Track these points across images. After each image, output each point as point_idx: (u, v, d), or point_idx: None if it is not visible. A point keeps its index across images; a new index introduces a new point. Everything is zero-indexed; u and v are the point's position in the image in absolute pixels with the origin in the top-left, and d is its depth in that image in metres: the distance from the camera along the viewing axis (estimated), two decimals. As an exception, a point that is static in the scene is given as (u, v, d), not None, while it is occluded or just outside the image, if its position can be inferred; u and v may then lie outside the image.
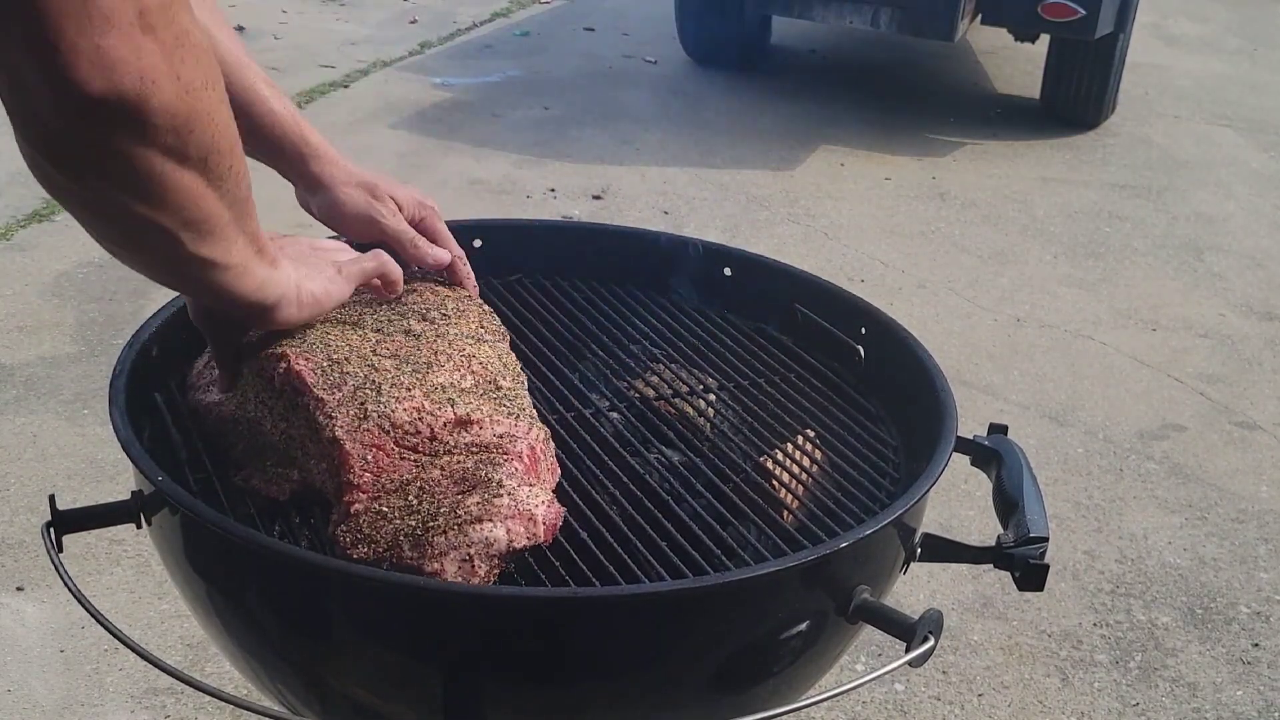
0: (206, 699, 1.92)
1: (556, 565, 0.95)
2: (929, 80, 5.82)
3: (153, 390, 1.14)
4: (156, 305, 1.19)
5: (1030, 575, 1.02)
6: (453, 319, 1.12)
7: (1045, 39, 5.09)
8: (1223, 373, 3.31)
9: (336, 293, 1.00)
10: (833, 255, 3.85)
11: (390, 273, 1.07)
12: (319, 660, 0.95)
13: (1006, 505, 1.09)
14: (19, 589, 2.17)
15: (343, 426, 0.94)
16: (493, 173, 4.29)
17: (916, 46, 5.93)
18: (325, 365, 0.99)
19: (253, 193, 0.81)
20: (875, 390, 1.28)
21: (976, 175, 4.63)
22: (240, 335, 1.04)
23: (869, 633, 1.01)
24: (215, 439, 1.08)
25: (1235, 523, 2.65)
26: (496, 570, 0.90)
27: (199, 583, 0.98)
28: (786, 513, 1.08)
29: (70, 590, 0.97)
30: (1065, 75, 5.09)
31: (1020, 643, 2.25)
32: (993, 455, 1.15)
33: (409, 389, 0.98)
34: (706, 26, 5.46)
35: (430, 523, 0.90)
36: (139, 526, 1.02)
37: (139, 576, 2.21)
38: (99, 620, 0.95)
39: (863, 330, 1.30)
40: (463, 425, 0.97)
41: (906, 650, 0.92)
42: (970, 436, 1.17)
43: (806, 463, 1.15)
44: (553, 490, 0.98)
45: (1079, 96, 5.11)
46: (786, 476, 1.13)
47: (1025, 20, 4.73)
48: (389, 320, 1.10)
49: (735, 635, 0.92)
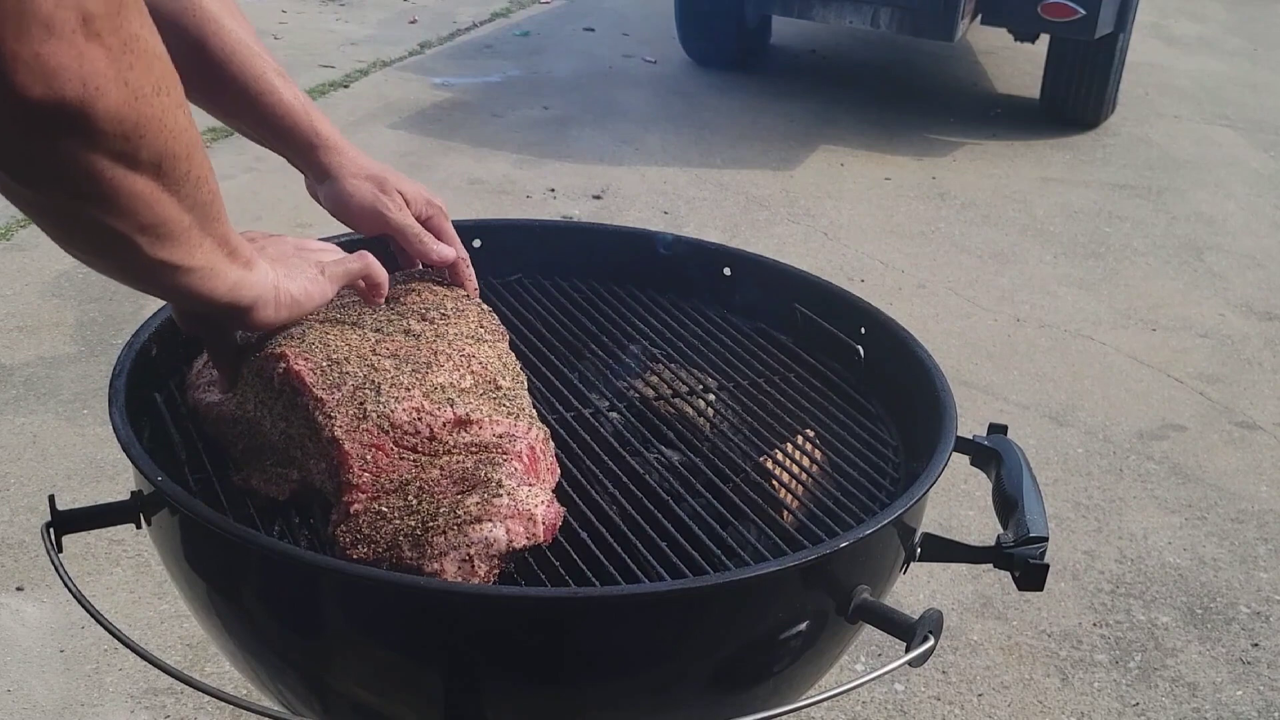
0: (206, 699, 1.92)
1: (556, 565, 0.95)
2: (929, 80, 5.82)
3: (153, 390, 1.14)
4: (156, 305, 1.19)
5: (1030, 575, 1.02)
6: (452, 319, 1.12)
7: (1045, 39, 5.09)
8: (1223, 373, 3.31)
9: (318, 293, 0.99)
10: (833, 255, 3.85)
11: (375, 275, 1.06)
12: (319, 660, 0.95)
13: (1006, 505, 1.09)
14: (19, 589, 2.17)
15: (342, 426, 0.94)
16: (493, 173, 4.29)
17: (916, 46, 5.93)
18: (324, 365, 0.99)
19: (220, 195, 0.80)
20: (875, 390, 1.28)
21: (976, 175, 4.63)
22: (231, 335, 1.04)
23: (869, 633, 1.01)
24: (215, 439, 1.08)
25: (1235, 523, 2.65)
26: (496, 570, 0.90)
27: (199, 583, 0.98)
28: (786, 513, 1.08)
29: (70, 590, 0.97)
30: (1065, 75, 5.09)
31: (1020, 643, 2.25)
32: (992, 455, 1.15)
33: (408, 389, 0.98)
34: (706, 26, 5.47)
35: (430, 523, 0.90)
36: (139, 526, 1.02)
37: (139, 576, 2.21)
38: (99, 620, 0.95)
39: (862, 330, 1.30)
40: (462, 425, 0.97)
41: (906, 650, 0.92)
42: (970, 436, 1.17)
43: (806, 463, 1.15)
44: (552, 490, 0.98)
45: (1079, 96, 5.11)
46: (786, 476, 1.13)
47: (1025, 20, 4.73)
48: (388, 320, 1.10)
49: (735, 635, 0.92)
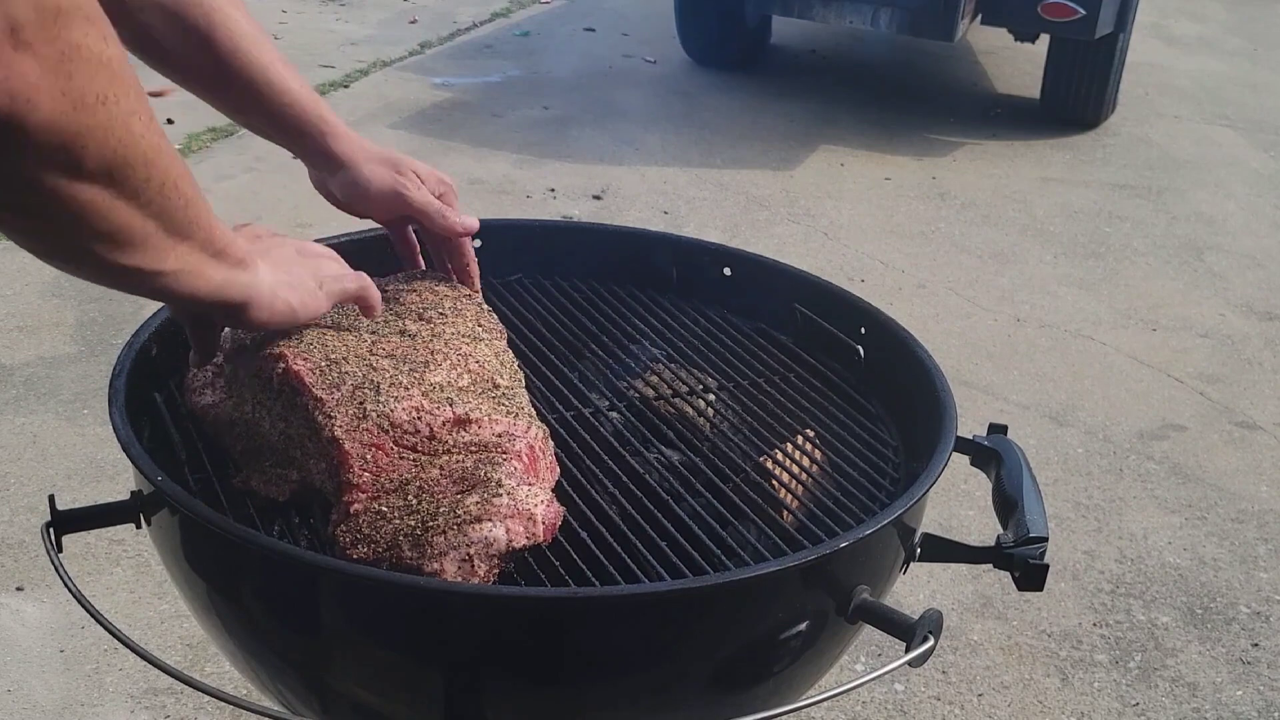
0: (206, 699, 1.92)
1: (556, 565, 0.95)
2: (929, 80, 5.82)
3: (153, 390, 1.14)
4: (156, 305, 1.19)
5: (1030, 575, 1.02)
6: (449, 318, 1.12)
7: (1045, 39, 5.09)
8: (1223, 373, 3.31)
9: (313, 307, 0.98)
10: (833, 255, 3.85)
11: (370, 297, 1.05)
12: (319, 660, 0.95)
13: (1006, 505, 1.09)
14: (19, 589, 2.17)
15: (342, 426, 0.94)
16: (492, 173, 4.29)
17: (916, 46, 5.93)
18: (323, 365, 0.99)
19: (198, 199, 0.79)
20: (875, 390, 1.28)
21: (976, 175, 4.63)
22: (216, 326, 1.03)
23: (869, 633, 1.01)
24: (214, 440, 1.08)
25: (1235, 523, 2.65)
26: (496, 570, 0.90)
27: (198, 583, 0.98)
28: (786, 513, 1.08)
29: (70, 590, 0.97)
30: (1065, 75, 5.09)
31: (1020, 643, 2.24)
32: (992, 455, 1.15)
33: (407, 388, 0.98)
34: (706, 26, 5.47)
35: (430, 522, 0.90)
36: (139, 526, 1.02)
37: (139, 576, 2.21)
38: (99, 620, 0.95)
39: (863, 330, 1.30)
40: (461, 424, 0.97)
41: (906, 650, 0.92)
42: (970, 436, 1.17)
43: (806, 463, 1.15)
44: (552, 489, 0.98)
45: (1079, 96, 5.11)
46: (786, 476, 1.13)
47: (1025, 20, 4.73)
48: (386, 320, 1.10)
49: (735, 635, 0.92)
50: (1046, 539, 1.03)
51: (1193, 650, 2.26)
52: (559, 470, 1.02)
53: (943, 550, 1.09)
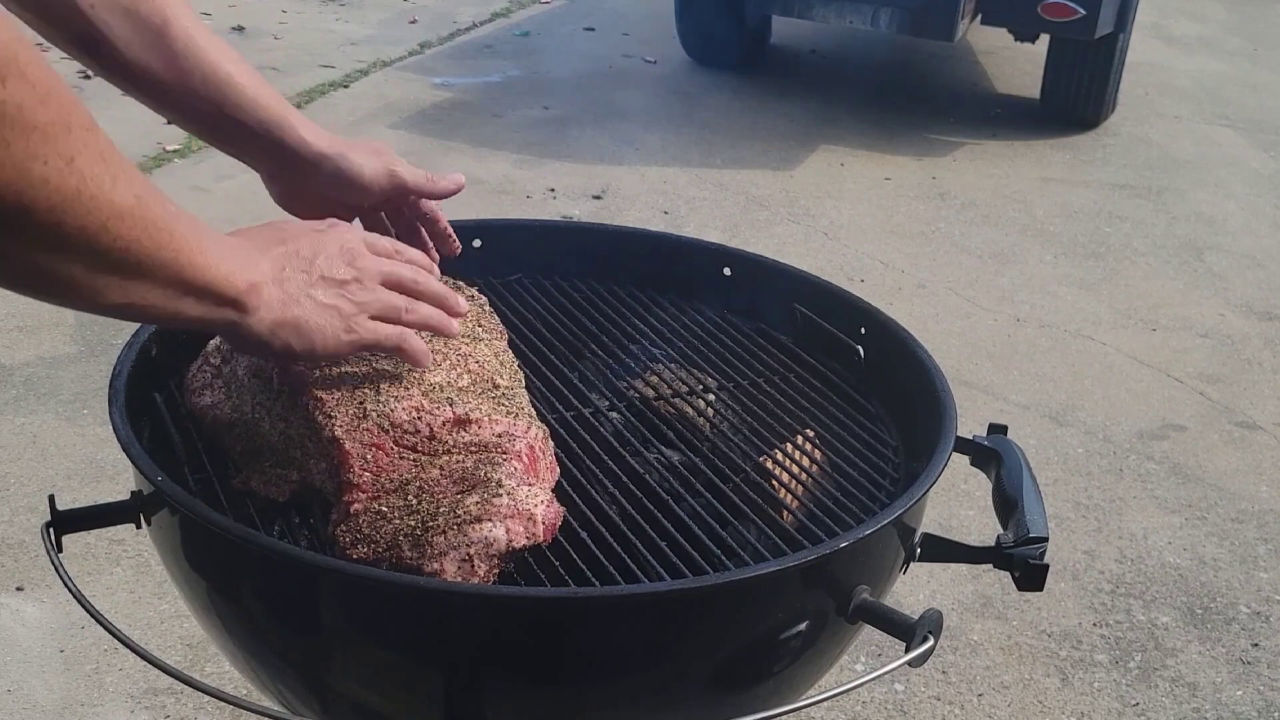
0: (206, 699, 1.92)
1: (556, 565, 0.95)
2: (929, 80, 5.82)
3: (153, 390, 1.14)
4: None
5: (1030, 575, 1.02)
6: (451, 318, 1.12)
7: (1045, 39, 5.09)
8: (1223, 373, 3.31)
9: (324, 350, 0.92)
10: (833, 255, 3.85)
11: (411, 351, 0.96)
12: (319, 660, 0.95)
13: (1006, 505, 1.09)
14: (19, 589, 2.17)
15: (342, 425, 0.94)
16: (493, 173, 4.29)
17: (916, 46, 5.93)
18: (323, 365, 0.99)
19: (149, 239, 0.74)
20: (875, 390, 1.28)
21: (976, 175, 4.63)
22: None
23: (869, 633, 1.01)
24: (214, 440, 1.08)
25: (1235, 523, 2.65)
26: (496, 570, 0.90)
27: (198, 582, 0.98)
28: (786, 513, 1.08)
29: (70, 590, 0.97)
30: (1065, 75, 5.09)
31: (1020, 643, 2.24)
32: (992, 455, 1.15)
33: (407, 388, 0.98)
34: (706, 26, 5.46)
35: (430, 522, 0.90)
36: (139, 526, 1.02)
37: (139, 576, 2.21)
38: (99, 620, 0.95)
39: (862, 330, 1.30)
40: (462, 424, 0.97)
41: (906, 650, 0.92)
42: (970, 436, 1.16)
43: (806, 463, 1.15)
44: (552, 490, 0.98)
45: (1079, 96, 5.11)
46: (786, 476, 1.13)
47: (1025, 20, 4.73)
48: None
49: (735, 635, 0.92)
50: (1046, 539, 1.03)
51: (1193, 650, 2.26)
52: (559, 470, 1.02)
53: (943, 550, 1.09)
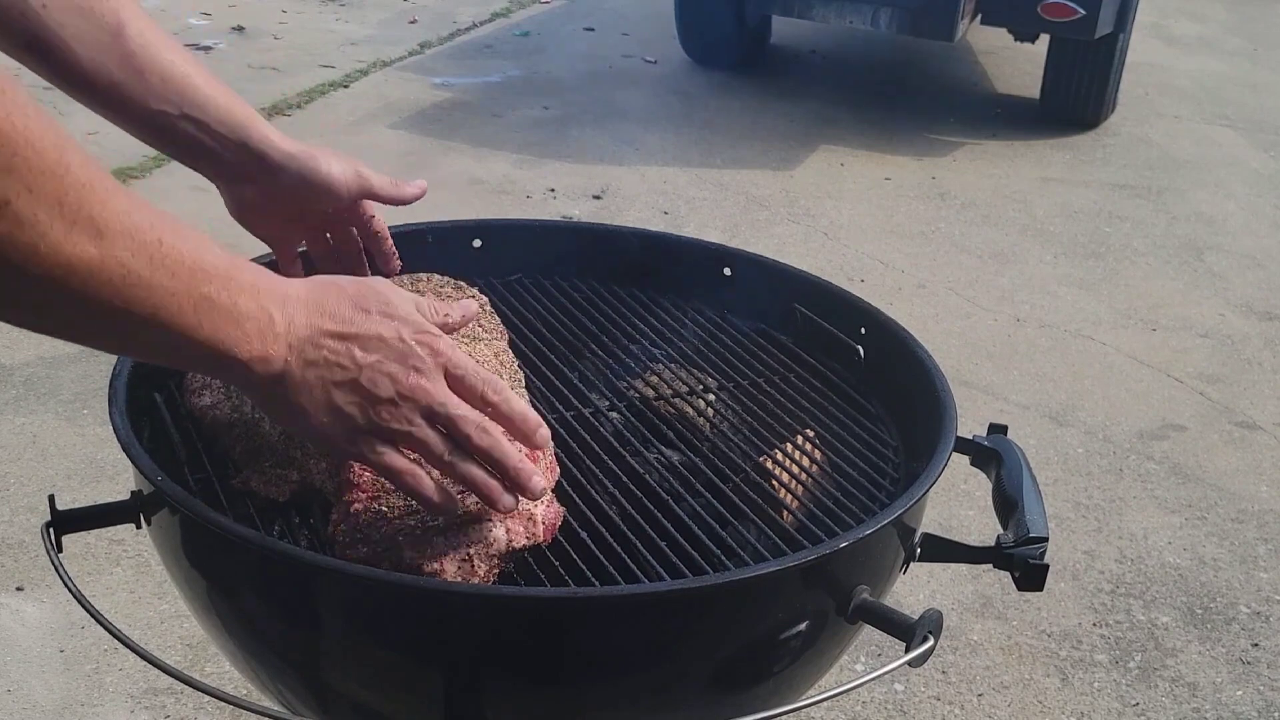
0: (206, 699, 1.92)
1: (556, 565, 0.95)
2: (929, 80, 5.82)
3: (153, 390, 1.14)
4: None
5: (1030, 575, 1.02)
6: (451, 318, 1.12)
7: (1045, 39, 5.09)
8: (1223, 373, 3.31)
9: (325, 446, 0.86)
10: (833, 255, 3.85)
11: (429, 503, 0.87)
12: (319, 660, 0.95)
13: (1006, 505, 1.09)
14: (19, 589, 2.17)
15: (342, 426, 0.94)
16: (493, 173, 4.29)
17: (916, 46, 5.93)
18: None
19: (116, 317, 0.70)
20: (875, 390, 1.28)
21: (976, 175, 4.63)
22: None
23: (869, 633, 1.01)
24: (214, 441, 1.07)
25: (1235, 523, 2.65)
26: (496, 570, 0.90)
27: (198, 582, 0.98)
28: (786, 513, 1.08)
29: (70, 590, 0.97)
30: (1065, 75, 5.09)
31: (1020, 643, 2.24)
32: (992, 455, 1.15)
33: (408, 388, 0.98)
34: (706, 26, 5.46)
35: (430, 522, 0.90)
36: (139, 526, 1.02)
37: (139, 576, 2.21)
38: (99, 620, 0.95)
39: (863, 330, 1.30)
40: (462, 425, 0.97)
41: (906, 650, 0.92)
42: (970, 436, 1.16)
43: (806, 463, 1.15)
44: (552, 490, 0.98)
45: (1079, 96, 5.11)
46: (786, 476, 1.13)
47: (1025, 20, 4.73)
48: (389, 320, 1.10)
49: (735, 635, 0.92)
50: (1046, 539, 1.03)
51: (1193, 650, 2.26)
52: (559, 470, 1.02)
53: (943, 550, 1.09)
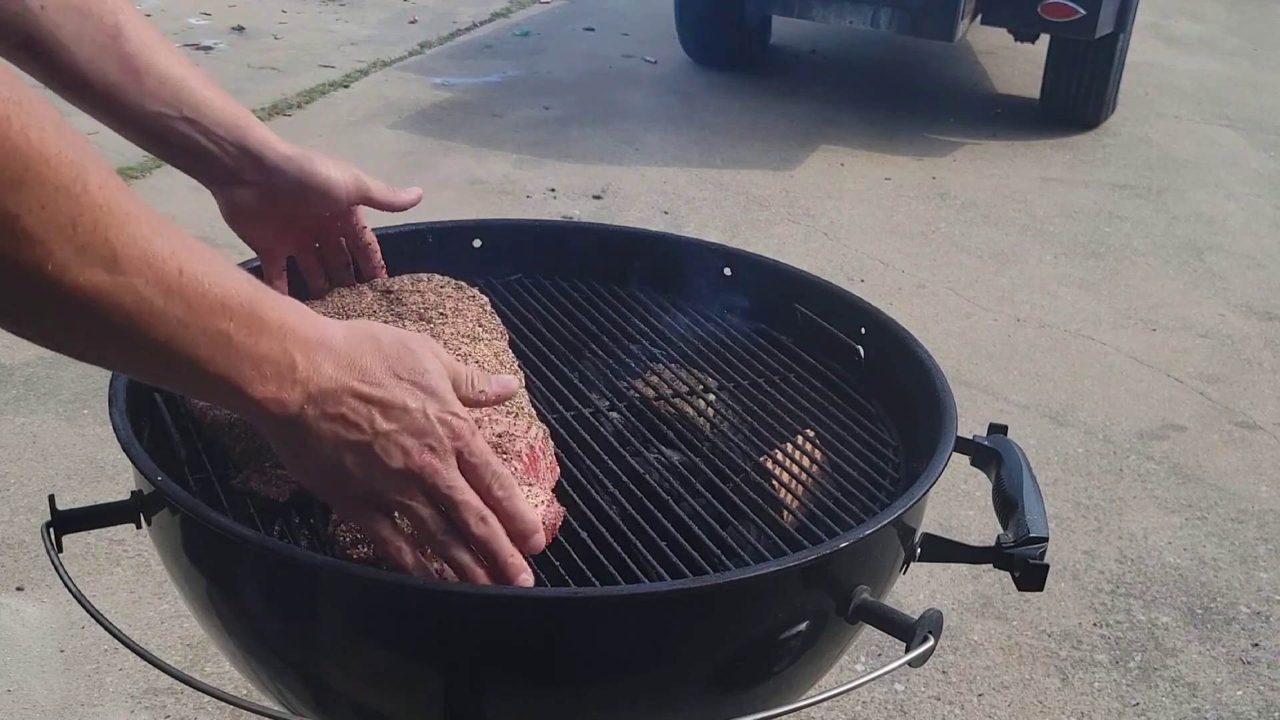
0: (206, 699, 1.92)
1: (556, 565, 0.95)
2: (929, 80, 5.82)
3: (153, 390, 1.14)
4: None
5: (1030, 575, 1.02)
6: (450, 318, 1.12)
7: (1045, 39, 5.09)
8: (1223, 373, 3.31)
9: (319, 499, 0.87)
10: (833, 255, 3.85)
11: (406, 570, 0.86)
12: (319, 660, 0.95)
13: (1006, 505, 1.09)
14: (19, 589, 2.17)
15: (342, 426, 0.94)
16: (493, 173, 4.29)
17: (916, 46, 5.93)
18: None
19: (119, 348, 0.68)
20: (875, 390, 1.28)
21: (976, 175, 4.63)
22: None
23: (869, 633, 1.01)
24: (214, 441, 1.07)
25: (1235, 523, 2.65)
26: None
27: (199, 582, 0.98)
28: (786, 513, 1.08)
29: (70, 590, 0.97)
30: (1065, 75, 5.09)
31: (1020, 643, 2.24)
32: (993, 455, 1.15)
33: (409, 389, 0.98)
34: (706, 26, 5.47)
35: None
36: (139, 526, 1.02)
37: (139, 576, 2.21)
38: (99, 620, 0.95)
39: (863, 330, 1.30)
40: (462, 425, 0.97)
41: (906, 650, 0.92)
42: (970, 436, 1.16)
43: (806, 463, 1.15)
44: (552, 489, 0.98)
45: (1079, 96, 5.11)
46: (786, 476, 1.13)
47: (1025, 20, 4.73)
48: (387, 320, 1.10)
49: (735, 635, 0.92)
50: (1046, 539, 1.03)
51: (1193, 650, 2.26)
52: (559, 470, 1.02)
53: (943, 550, 1.09)
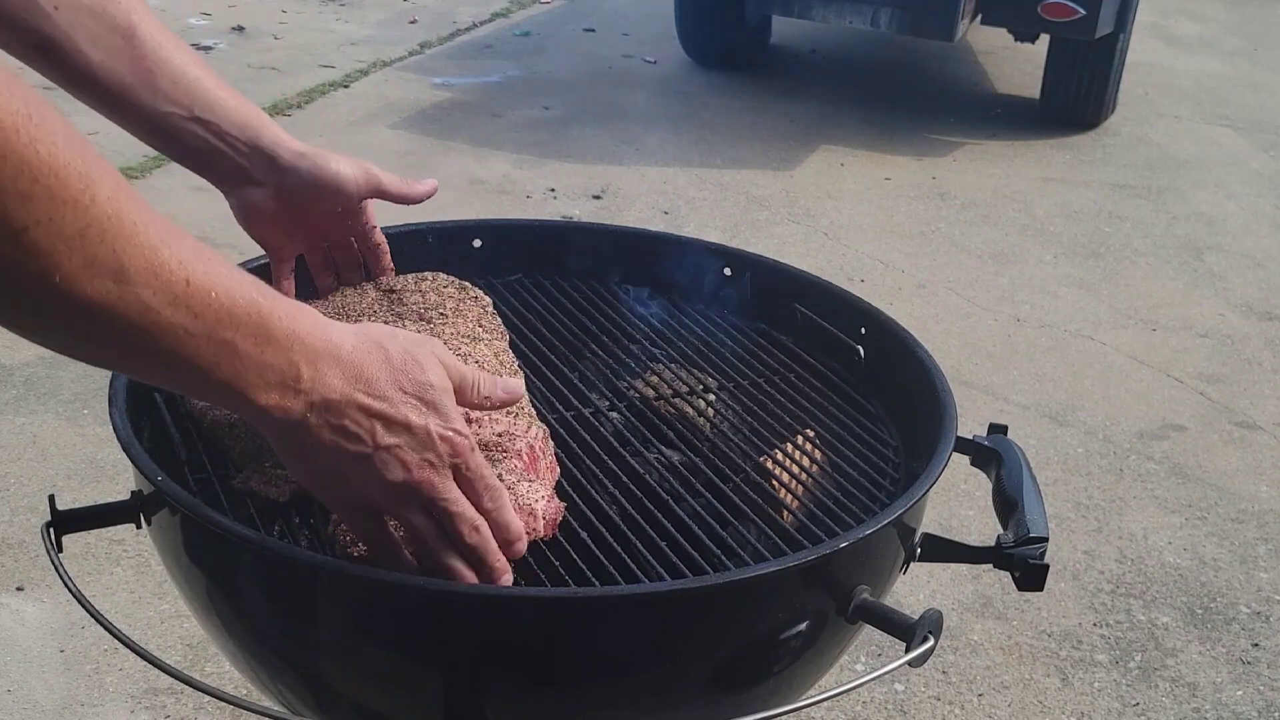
0: (206, 699, 1.92)
1: (556, 565, 0.95)
2: (929, 80, 5.82)
3: (153, 390, 1.14)
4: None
5: (1030, 575, 1.02)
6: (450, 318, 1.12)
7: (1045, 39, 5.09)
8: (1223, 373, 3.31)
9: (317, 498, 0.88)
10: (833, 255, 3.85)
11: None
12: (319, 660, 0.95)
13: (1006, 505, 1.09)
14: (19, 589, 2.17)
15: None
16: (493, 173, 4.29)
17: (916, 46, 5.93)
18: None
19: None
20: (875, 390, 1.28)
21: (976, 175, 4.63)
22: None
23: (869, 633, 1.01)
24: (214, 441, 1.07)
25: (1235, 523, 2.65)
26: None
27: (199, 582, 0.98)
28: (786, 513, 1.08)
29: (70, 590, 0.97)
30: (1065, 75, 5.09)
31: (1020, 643, 2.24)
32: (993, 455, 1.15)
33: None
34: (706, 26, 5.47)
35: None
36: (139, 526, 1.02)
37: (139, 576, 2.21)
38: (99, 620, 0.95)
39: (863, 330, 1.30)
40: (462, 424, 0.97)
41: (906, 650, 0.92)
42: (970, 436, 1.16)
43: (806, 463, 1.15)
44: (553, 489, 0.98)
45: (1079, 96, 5.11)
46: (786, 476, 1.13)
47: (1025, 20, 4.73)
48: (387, 320, 1.10)
49: (735, 635, 0.92)
50: (1046, 539, 1.03)
51: (1193, 650, 2.26)
52: (559, 470, 1.02)
53: (943, 550, 1.09)
